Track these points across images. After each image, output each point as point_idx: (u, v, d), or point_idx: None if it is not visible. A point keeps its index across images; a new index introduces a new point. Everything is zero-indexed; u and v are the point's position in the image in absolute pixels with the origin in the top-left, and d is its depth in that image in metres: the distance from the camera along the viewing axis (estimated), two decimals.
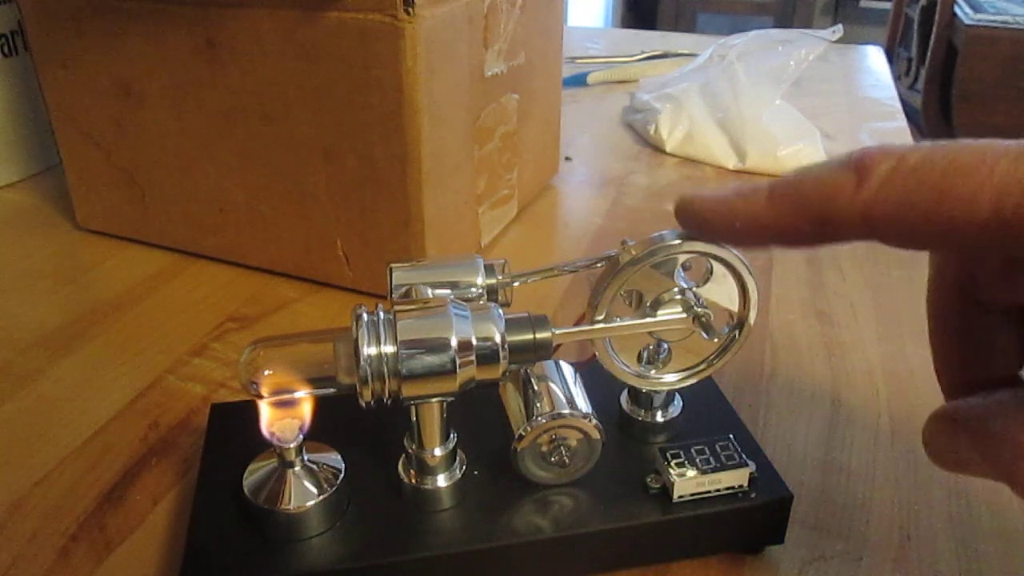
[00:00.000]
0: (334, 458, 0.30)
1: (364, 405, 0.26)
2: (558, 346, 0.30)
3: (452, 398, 0.27)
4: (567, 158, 0.69)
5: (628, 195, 0.63)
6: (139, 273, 0.51)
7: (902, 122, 0.81)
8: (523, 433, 0.29)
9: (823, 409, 0.39)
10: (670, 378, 0.31)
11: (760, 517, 0.30)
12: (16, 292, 0.49)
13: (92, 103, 0.50)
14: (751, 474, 0.29)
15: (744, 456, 0.30)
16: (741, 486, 0.29)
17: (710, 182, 0.66)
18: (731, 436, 0.31)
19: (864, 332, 0.46)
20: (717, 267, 0.29)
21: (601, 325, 0.29)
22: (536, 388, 0.30)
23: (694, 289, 0.29)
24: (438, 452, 0.29)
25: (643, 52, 0.98)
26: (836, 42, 0.69)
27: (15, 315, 0.46)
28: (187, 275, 0.51)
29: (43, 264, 0.52)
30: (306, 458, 0.28)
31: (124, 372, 0.41)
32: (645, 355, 0.31)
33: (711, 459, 0.29)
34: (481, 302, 0.30)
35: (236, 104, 0.45)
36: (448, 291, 0.31)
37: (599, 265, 0.30)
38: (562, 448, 0.29)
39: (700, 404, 0.34)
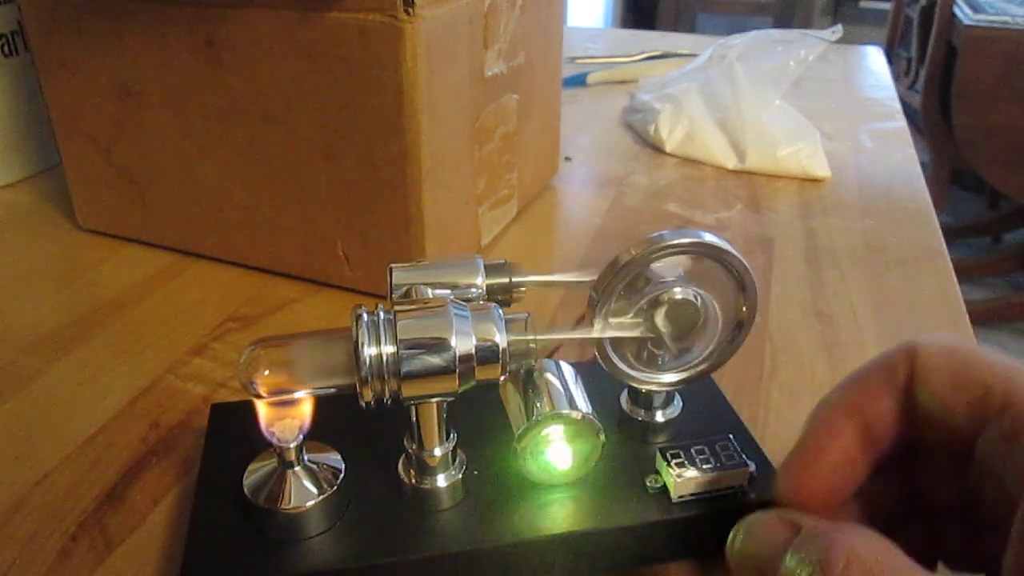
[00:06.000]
0: (334, 458, 0.30)
1: (364, 405, 0.26)
2: (558, 346, 0.30)
3: (452, 398, 0.27)
4: (567, 158, 0.69)
5: (628, 195, 0.63)
6: (139, 273, 0.51)
7: (902, 122, 0.81)
8: (523, 433, 0.29)
9: None
10: (670, 378, 0.31)
11: None
12: (16, 292, 0.49)
13: (92, 103, 0.50)
14: (751, 474, 0.29)
15: (744, 456, 0.30)
16: (741, 486, 0.29)
17: (710, 182, 0.66)
18: (731, 436, 0.31)
19: (864, 332, 0.46)
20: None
21: (599, 329, 0.29)
22: (536, 388, 0.30)
23: (693, 288, 0.29)
24: (438, 452, 0.29)
25: (643, 52, 0.98)
26: (836, 42, 0.69)
27: (15, 315, 0.46)
28: (187, 275, 0.51)
29: (43, 264, 0.52)
30: (306, 458, 0.28)
31: (124, 372, 0.41)
32: (645, 355, 0.31)
33: (711, 459, 0.29)
34: (481, 302, 0.30)
35: (236, 104, 0.45)
36: (448, 291, 0.31)
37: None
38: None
39: (700, 404, 0.34)
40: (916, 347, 0.25)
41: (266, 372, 0.27)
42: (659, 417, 0.32)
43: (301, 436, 0.28)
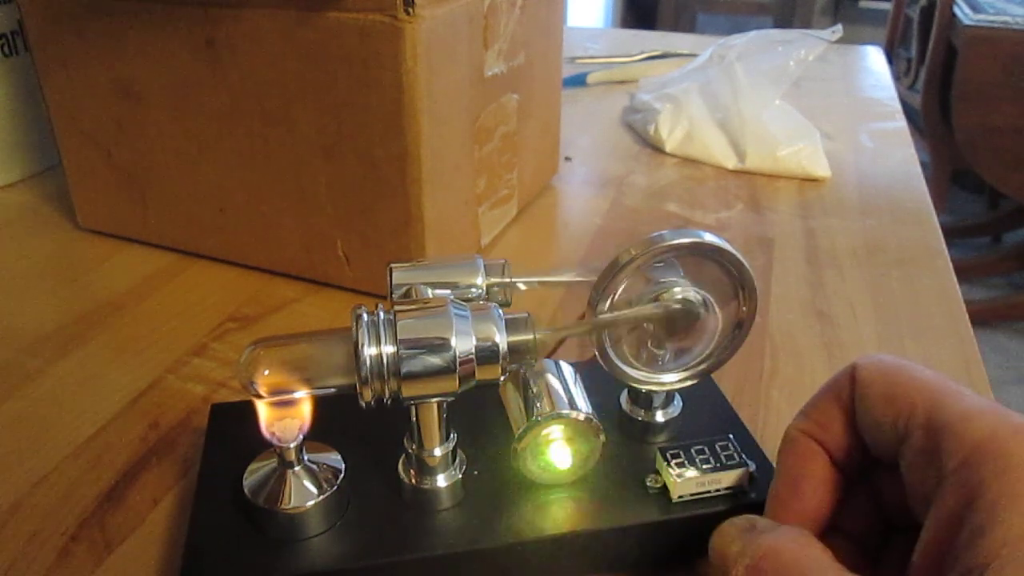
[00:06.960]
0: (334, 458, 0.30)
1: (364, 405, 0.26)
2: (558, 346, 0.30)
3: (452, 398, 0.27)
4: (567, 158, 0.69)
5: (628, 195, 0.63)
6: (139, 273, 0.51)
7: (902, 122, 0.81)
8: (523, 433, 0.29)
9: None
10: (670, 378, 0.31)
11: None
12: (16, 292, 0.49)
13: (92, 103, 0.50)
14: (751, 474, 0.29)
15: (744, 456, 0.30)
16: (741, 486, 0.29)
17: (710, 182, 0.66)
18: (731, 436, 0.31)
19: (864, 332, 0.46)
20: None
21: (596, 318, 0.29)
22: (536, 388, 0.30)
23: (693, 288, 0.29)
24: (438, 452, 0.29)
25: (643, 52, 0.98)
26: (836, 42, 0.69)
27: (15, 315, 0.46)
28: (187, 275, 0.51)
29: (43, 264, 0.52)
30: (306, 458, 0.28)
31: (124, 372, 0.41)
32: (645, 355, 0.31)
33: (711, 459, 0.29)
34: (481, 302, 0.30)
35: (236, 104, 0.45)
36: (448, 291, 0.31)
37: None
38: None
39: (700, 404, 0.34)
40: (856, 366, 0.27)
41: (266, 372, 0.27)
42: (659, 417, 0.32)
43: (301, 436, 0.28)
